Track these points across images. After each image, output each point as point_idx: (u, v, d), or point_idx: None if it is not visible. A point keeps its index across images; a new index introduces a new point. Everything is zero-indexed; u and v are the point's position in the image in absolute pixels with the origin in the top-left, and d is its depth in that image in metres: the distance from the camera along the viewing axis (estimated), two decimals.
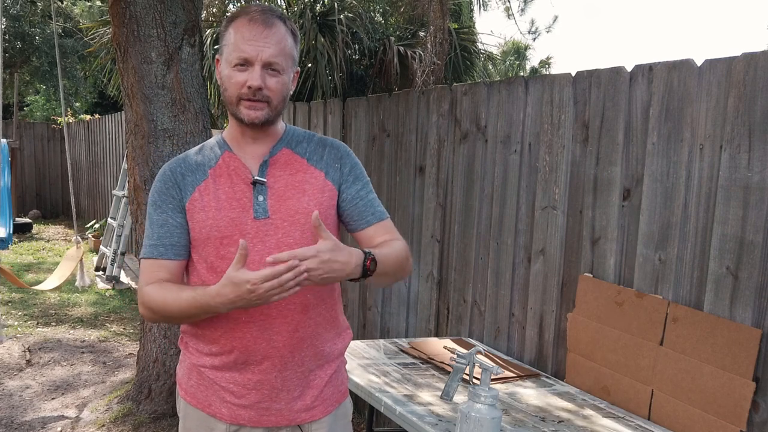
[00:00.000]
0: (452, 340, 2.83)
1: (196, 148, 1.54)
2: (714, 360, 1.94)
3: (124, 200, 6.70)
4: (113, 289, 6.55)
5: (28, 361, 4.47)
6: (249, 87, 1.37)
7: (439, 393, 2.17)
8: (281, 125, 1.52)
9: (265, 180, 1.44)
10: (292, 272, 1.24)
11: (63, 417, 3.61)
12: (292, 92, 1.48)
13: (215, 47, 5.19)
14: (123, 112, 4.67)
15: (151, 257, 1.46)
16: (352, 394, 1.72)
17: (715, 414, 1.93)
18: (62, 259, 5.77)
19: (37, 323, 5.35)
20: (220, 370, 1.47)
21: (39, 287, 5.30)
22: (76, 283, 5.94)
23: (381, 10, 6.16)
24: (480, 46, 6.37)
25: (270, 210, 1.43)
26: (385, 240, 1.52)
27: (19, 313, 5.59)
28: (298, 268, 1.25)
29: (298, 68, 1.49)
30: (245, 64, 1.37)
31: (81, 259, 5.64)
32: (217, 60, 1.47)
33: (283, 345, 1.44)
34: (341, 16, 4.99)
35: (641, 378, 2.15)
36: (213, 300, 1.31)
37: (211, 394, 1.49)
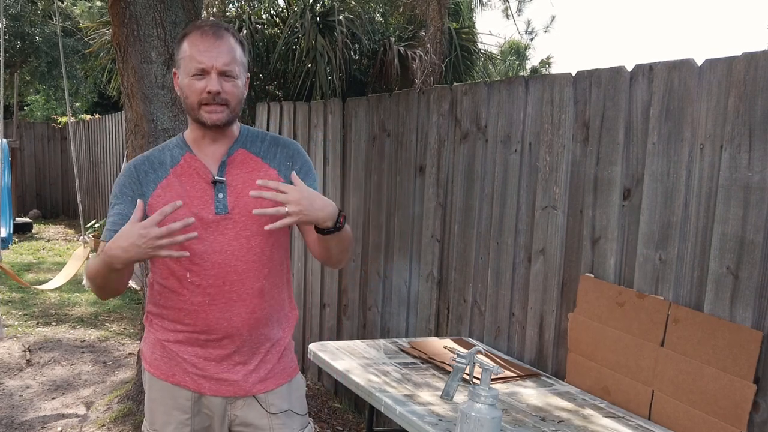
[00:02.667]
0: (452, 339, 2.84)
1: (159, 147, 1.68)
2: (715, 362, 1.94)
3: None
4: None
5: (29, 361, 4.47)
6: (209, 92, 1.51)
7: (440, 393, 2.17)
8: (237, 126, 1.66)
9: (224, 179, 1.59)
10: (181, 222, 1.37)
11: (63, 416, 3.61)
12: (245, 96, 1.62)
13: None
14: (123, 111, 4.67)
15: (105, 241, 1.60)
16: (352, 393, 1.74)
17: (716, 415, 1.93)
18: (70, 258, 5.77)
19: (38, 323, 5.35)
20: (183, 344, 1.63)
21: (44, 287, 5.31)
22: (83, 282, 5.94)
23: (381, 10, 6.16)
24: (480, 46, 6.37)
25: (230, 206, 1.58)
26: None
27: (19, 313, 5.59)
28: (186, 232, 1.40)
29: (249, 74, 1.64)
30: (202, 73, 1.52)
31: (87, 258, 5.64)
32: (175, 73, 1.61)
33: (242, 325, 1.61)
34: (341, 16, 4.99)
35: (642, 379, 2.15)
36: (110, 250, 1.42)
37: (174, 365, 1.64)
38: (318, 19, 5.05)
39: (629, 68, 2.24)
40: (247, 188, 1.58)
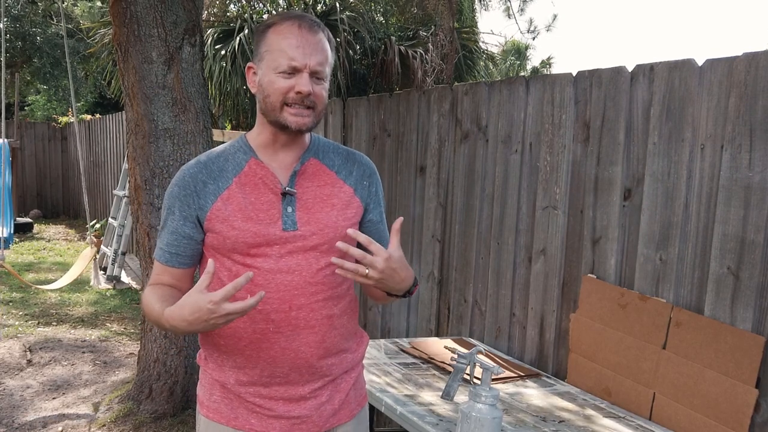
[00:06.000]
0: (453, 339, 2.83)
1: (218, 150, 1.47)
2: (717, 366, 1.93)
3: (124, 200, 6.69)
4: (114, 288, 6.55)
5: (29, 361, 4.47)
6: (298, 92, 1.34)
7: (440, 393, 2.17)
8: (307, 135, 1.49)
9: (295, 191, 1.41)
10: (256, 298, 1.20)
11: (64, 416, 3.61)
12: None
13: (216, 47, 5.19)
14: (124, 111, 4.67)
15: (159, 261, 1.47)
16: None
17: (717, 419, 1.92)
18: (78, 259, 5.78)
19: (38, 323, 5.35)
20: (245, 385, 1.44)
21: (49, 287, 5.31)
22: (91, 283, 5.92)
23: (382, 9, 6.16)
24: (481, 45, 6.37)
25: (299, 222, 1.40)
26: None
27: (20, 313, 5.59)
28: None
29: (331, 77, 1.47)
30: (293, 71, 1.34)
31: (94, 259, 5.60)
32: (249, 67, 1.42)
33: (311, 355, 1.42)
34: (343, 15, 4.99)
35: (643, 381, 2.15)
36: (171, 320, 1.26)
37: (238, 405, 1.45)
38: (320, 18, 5.05)
39: (630, 68, 2.24)
40: (318, 204, 1.43)
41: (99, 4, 11.78)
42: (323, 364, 1.45)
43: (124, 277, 6.90)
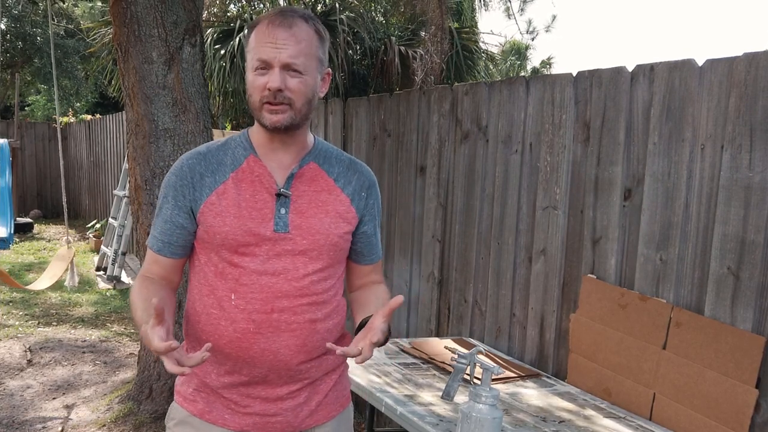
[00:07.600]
0: (453, 340, 2.83)
1: (219, 143, 1.47)
2: (717, 366, 1.93)
3: (125, 200, 6.70)
4: (114, 288, 6.55)
5: (29, 361, 4.48)
6: (269, 89, 1.32)
7: (440, 393, 2.17)
8: (311, 137, 1.48)
9: (290, 193, 1.41)
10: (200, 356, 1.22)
11: (64, 417, 3.61)
12: (323, 95, 1.43)
13: (215, 47, 5.19)
14: (124, 112, 4.67)
15: (151, 248, 1.47)
16: (353, 394, 1.72)
17: (717, 419, 1.92)
18: (53, 259, 5.78)
19: (38, 323, 5.35)
20: (224, 382, 1.45)
21: (30, 287, 5.31)
22: (66, 283, 5.93)
23: (382, 9, 6.16)
24: (482, 45, 6.37)
25: (291, 225, 1.40)
26: (376, 280, 1.63)
27: (20, 313, 5.59)
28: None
29: (329, 69, 1.44)
30: (265, 67, 1.33)
31: (72, 260, 5.64)
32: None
33: (291, 358, 1.42)
34: (343, 15, 4.99)
35: (643, 381, 2.15)
36: (144, 336, 1.27)
37: (214, 400, 1.46)
38: (320, 18, 5.06)
39: (630, 68, 2.24)
40: (312, 209, 1.42)
41: (99, 4, 11.78)
42: (303, 368, 1.44)
43: (125, 277, 6.90)
